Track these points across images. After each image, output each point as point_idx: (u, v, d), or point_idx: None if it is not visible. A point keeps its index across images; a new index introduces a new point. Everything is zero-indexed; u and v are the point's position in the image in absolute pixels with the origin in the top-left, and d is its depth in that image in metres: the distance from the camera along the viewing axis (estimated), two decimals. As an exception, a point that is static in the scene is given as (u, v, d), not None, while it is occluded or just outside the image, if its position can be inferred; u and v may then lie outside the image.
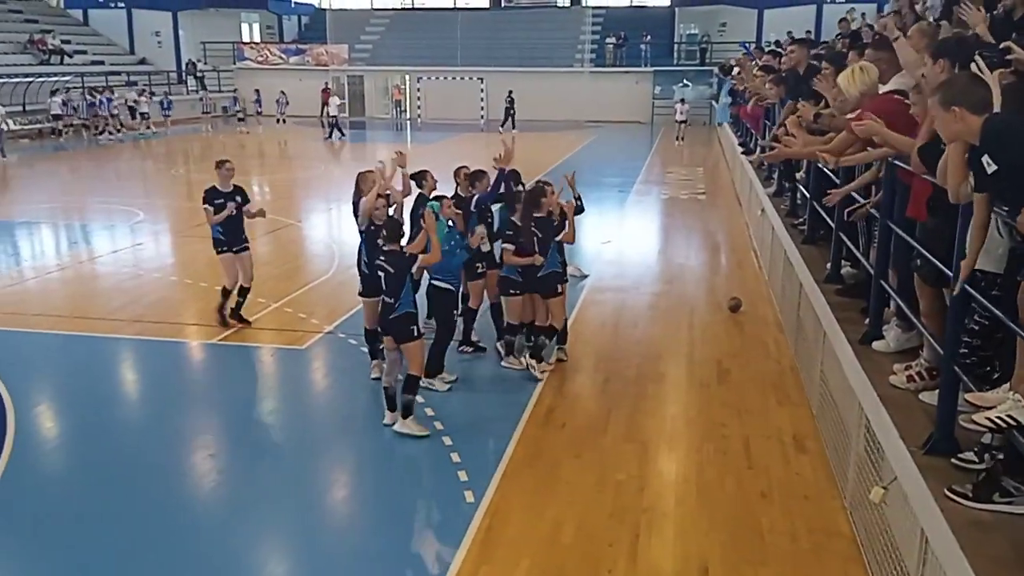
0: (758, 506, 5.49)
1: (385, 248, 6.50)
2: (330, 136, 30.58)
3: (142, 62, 40.66)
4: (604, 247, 13.23)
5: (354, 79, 41.15)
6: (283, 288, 10.74)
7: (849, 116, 5.53)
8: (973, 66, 3.26)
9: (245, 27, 44.90)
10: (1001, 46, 3.84)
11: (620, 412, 7.01)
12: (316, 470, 6.23)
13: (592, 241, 13.34)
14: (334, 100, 32.48)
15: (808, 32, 28.91)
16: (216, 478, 6.02)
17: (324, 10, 45.11)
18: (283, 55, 42.06)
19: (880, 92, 5.51)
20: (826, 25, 32.54)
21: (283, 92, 35.98)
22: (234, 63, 41.54)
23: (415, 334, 6.50)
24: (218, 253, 8.97)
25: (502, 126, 33.34)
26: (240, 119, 35.71)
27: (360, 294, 7.63)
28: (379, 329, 6.91)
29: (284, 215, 15.63)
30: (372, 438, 6.69)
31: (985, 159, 2.99)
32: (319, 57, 41.20)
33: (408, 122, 39.64)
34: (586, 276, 11.26)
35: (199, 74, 39.58)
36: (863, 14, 21.91)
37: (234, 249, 8.93)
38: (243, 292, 9.10)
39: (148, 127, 31.70)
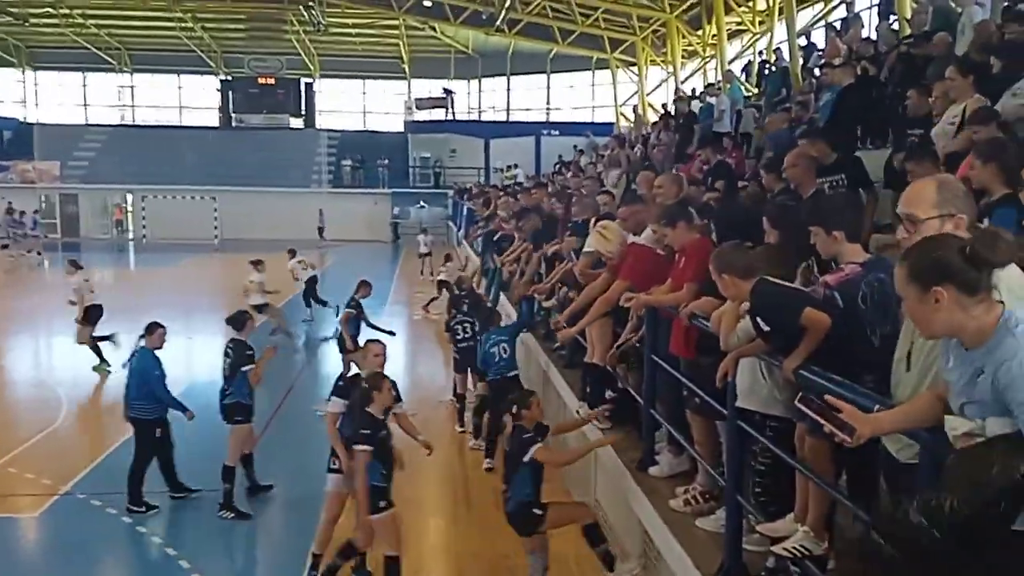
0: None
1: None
2: None
3: None
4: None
5: (67, 198, 37.97)
6: (2, 443, 9.36)
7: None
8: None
9: (-64, 141, 40.10)
10: None
11: (408, 553, 6.83)
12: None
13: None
14: None
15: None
16: None
17: (31, 125, 41.65)
18: (-18, 171, 37.91)
19: (630, 242, 6.16)
20: (545, 154, 35.72)
21: None
22: (-80, 180, 36.74)
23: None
24: (241, 423, 7.72)
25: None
26: (4, 246, 30.57)
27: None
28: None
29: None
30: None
31: (758, 319, 3.48)
32: (25, 174, 37.63)
33: (131, 243, 37.07)
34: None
35: None
36: (581, 151, 24.30)
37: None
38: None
39: None
